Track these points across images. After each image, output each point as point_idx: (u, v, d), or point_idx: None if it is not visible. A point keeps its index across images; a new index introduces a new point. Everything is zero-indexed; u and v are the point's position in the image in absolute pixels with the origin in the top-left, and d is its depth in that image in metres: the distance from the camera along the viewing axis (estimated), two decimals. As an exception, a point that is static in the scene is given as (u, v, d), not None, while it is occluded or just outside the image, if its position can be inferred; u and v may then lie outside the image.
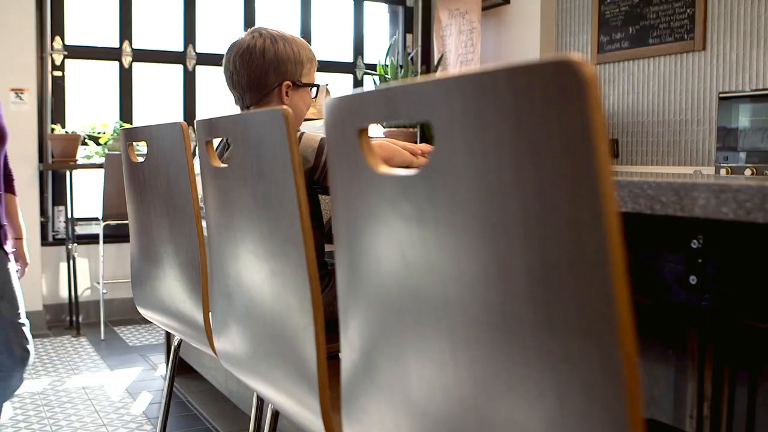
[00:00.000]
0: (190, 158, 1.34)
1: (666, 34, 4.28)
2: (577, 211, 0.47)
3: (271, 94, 1.69)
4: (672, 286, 1.20)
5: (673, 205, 0.86)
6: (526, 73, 0.49)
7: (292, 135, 0.90)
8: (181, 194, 1.39)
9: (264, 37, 1.68)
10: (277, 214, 0.97)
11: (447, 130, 0.56)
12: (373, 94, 0.63)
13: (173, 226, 1.46)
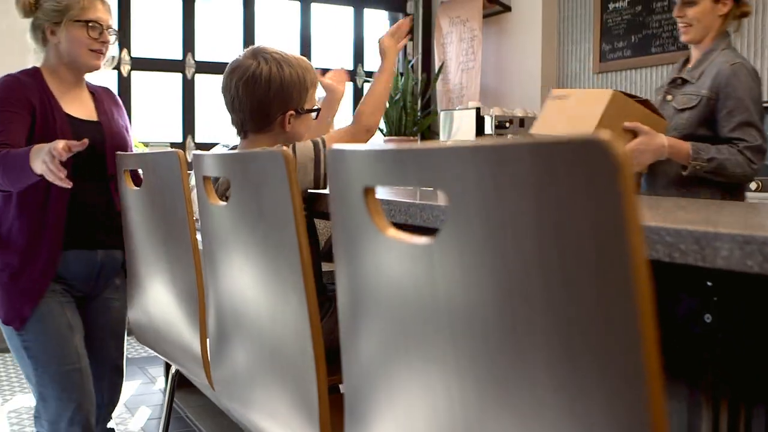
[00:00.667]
0: (187, 188, 1.30)
1: (669, 43, 4.24)
2: (608, 306, 0.43)
3: (274, 123, 1.65)
4: (687, 322, 1.16)
5: (694, 254, 0.82)
6: (549, 150, 0.45)
7: (292, 178, 0.86)
8: (177, 225, 1.35)
9: (269, 62, 1.62)
10: (276, 256, 0.94)
11: (461, 200, 0.52)
12: (383, 154, 0.59)
13: (170, 256, 1.43)
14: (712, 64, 2.40)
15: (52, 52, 2.11)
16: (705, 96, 2.33)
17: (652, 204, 1.37)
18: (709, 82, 2.34)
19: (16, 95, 1.99)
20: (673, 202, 1.47)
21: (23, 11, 2.12)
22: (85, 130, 2.07)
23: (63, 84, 2.13)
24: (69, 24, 2.07)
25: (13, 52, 2.97)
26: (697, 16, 2.40)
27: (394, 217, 1.18)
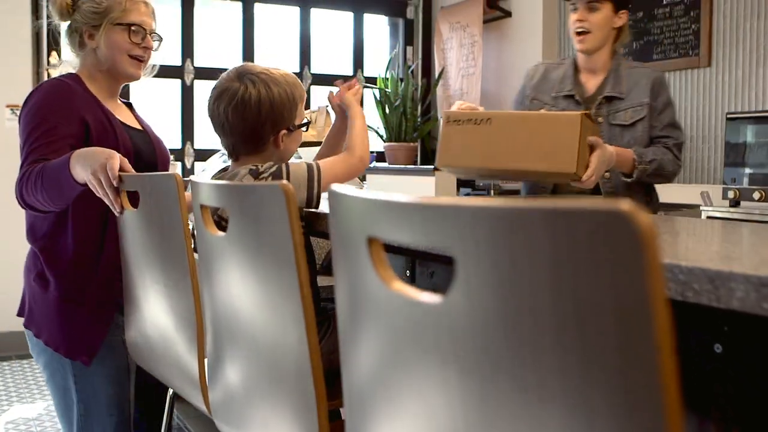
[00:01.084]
0: (185, 213, 1.28)
1: (670, 50, 4.22)
2: (630, 388, 0.40)
3: (267, 143, 1.62)
4: (697, 353, 1.14)
5: (708, 294, 0.80)
6: (567, 218, 0.43)
7: (293, 213, 0.84)
8: (175, 249, 1.33)
9: (256, 84, 1.57)
10: (276, 289, 0.91)
11: (471, 262, 0.50)
12: (388, 204, 0.57)
13: (167, 279, 1.40)
14: (633, 76, 2.49)
15: (89, 58, 1.98)
16: (647, 103, 2.44)
17: (661, 227, 1.34)
18: (645, 91, 2.45)
19: (65, 103, 1.83)
20: (685, 223, 1.44)
21: (60, 13, 1.99)
22: (139, 140, 1.98)
23: (102, 92, 1.99)
24: (109, 27, 1.94)
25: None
26: (599, 24, 2.44)
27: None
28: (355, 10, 5.52)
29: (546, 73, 2.62)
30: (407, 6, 5.65)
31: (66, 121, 1.80)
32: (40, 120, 1.80)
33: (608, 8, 2.44)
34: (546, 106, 2.54)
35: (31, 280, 1.93)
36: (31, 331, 1.91)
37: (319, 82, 5.42)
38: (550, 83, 2.58)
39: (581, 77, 2.55)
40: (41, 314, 1.89)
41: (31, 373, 4.11)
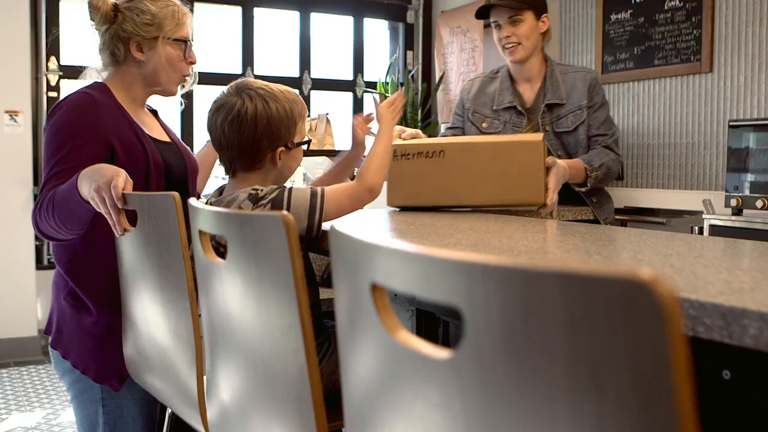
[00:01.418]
0: (183, 234, 1.26)
1: (672, 56, 4.20)
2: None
3: (264, 160, 1.60)
4: (705, 379, 1.12)
5: (719, 330, 0.78)
6: (584, 283, 0.41)
7: (293, 246, 0.82)
8: (173, 270, 1.31)
9: (254, 99, 1.55)
10: (277, 322, 0.89)
11: (481, 319, 0.48)
12: (393, 252, 0.55)
13: (165, 300, 1.38)
14: (568, 79, 2.53)
15: (130, 69, 1.89)
16: (585, 106, 2.48)
17: (670, 247, 1.32)
18: (583, 94, 2.49)
19: (89, 121, 1.76)
20: (689, 243, 1.42)
21: (102, 20, 1.87)
22: (169, 153, 1.91)
23: (134, 103, 1.92)
24: (164, 42, 1.87)
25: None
26: (526, 34, 2.48)
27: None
28: (355, 14, 5.50)
29: (482, 86, 2.63)
30: (407, 10, 5.63)
31: (88, 142, 1.74)
32: (62, 141, 1.74)
33: (531, 17, 2.48)
34: (487, 119, 2.55)
35: (62, 299, 1.84)
36: (58, 351, 1.84)
37: (318, 87, 5.41)
38: (488, 97, 2.58)
39: (518, 87, 2.57)
40: (71, 335, 1.82)
41: (30, 381, 4.09)
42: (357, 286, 0.60)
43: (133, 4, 1.88)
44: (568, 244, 1.36)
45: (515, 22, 2.47)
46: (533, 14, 2.49)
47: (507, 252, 1.23)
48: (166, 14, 1.88)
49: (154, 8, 1.87)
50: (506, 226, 1.72)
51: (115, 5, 1.89)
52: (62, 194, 1.62)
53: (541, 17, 2.51)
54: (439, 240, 1.41)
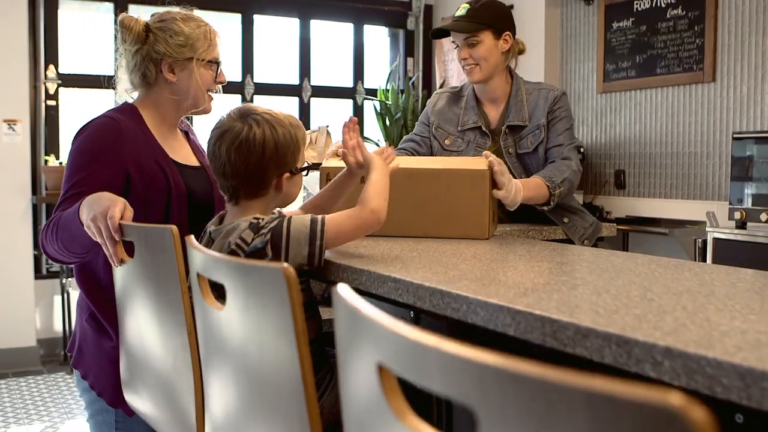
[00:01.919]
0: (182, 271, 1.23)
1: (674, 64, 4.17)
2: None
3: (269, 186, 1.56)
4: (718, 423, 1.09)
5: (738, 391, 0.76)
6: (611, 403, 0.38)
7: (295, 300, 0.79)
8: (171, 305, 1.28)
9: (260, 125, 1.52)
10: (275, 379, 0.86)
11: (496, 422, 0.45)
12: (403, 339, 0.52)
13: (164, 334, 1.35)
14: (532, 99, 2.44)
15: (161, 91, 1.86)
16: (544, 124, 2.40)
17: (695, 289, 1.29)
18: (543, 112, 2.40)
19: (109, 147, 1.74)
20: (696, 274, 1.39)
21: (135, 40, 1.83)
22: (194, 179, 1.89)
23: (164, 125, 1.89)
24: (197, 64, 1.84)
25: None
26: (484, 55, 2.39)
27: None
28: (355, 21, 5.47)
29: (449, 103, 2.56)
30: (407, 17, 5.60)
31: (104, 168, 1.73)
32: (79, 166, 1.74)
33: (489, 37, 2.39)
34: (451, 137, 2.49)
35: (84, 320, 1.84)
36: (78, 371, 1.85)
37: (318, 94, 5.38)
38: (454, 114, 2.51)
39: (484, 107, 2.50)
40: (91, 356, 1.83)
41: (29, 393, 4.06)
42: (363, 363, 0.57)
43: (165, 25, 1.85)
44: (575, 278, 1.33)
45: (472, 44, 2.38)
46: (492, 34, 2.39)
47: (513, 288, 1.21)
48: (199, 35, 1.85)
49: (187, 29, 1.85)
50: (510, 252, 1.69)
51: (147, 25, 1.86)
52: (66, 219, 1.62)
53: (502, 36, 2.40)
54: (443, 271, 1.39)
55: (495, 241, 1.91)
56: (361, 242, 1.84)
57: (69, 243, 1.63)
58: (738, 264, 3.17)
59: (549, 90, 2.44)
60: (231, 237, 1.47)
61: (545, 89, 2.45)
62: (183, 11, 1.92)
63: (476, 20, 2.38)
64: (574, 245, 1.89)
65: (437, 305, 1.21)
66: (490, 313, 1.09)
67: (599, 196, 4.56)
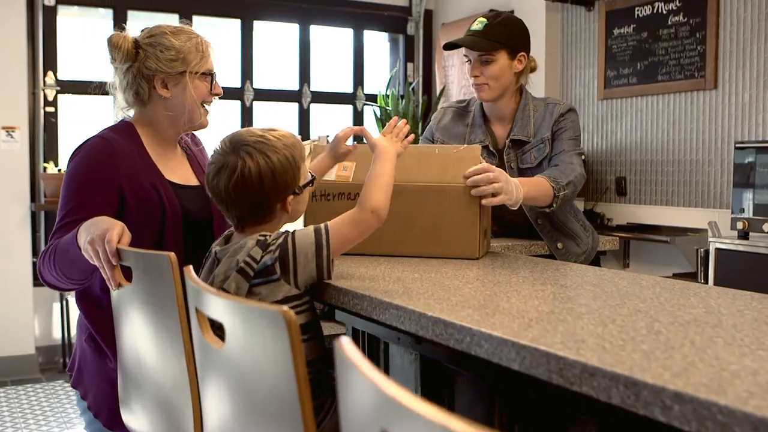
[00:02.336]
0: (180, 299, 1.21)
1: (676, 71, 4.15)
2: None
3: (275, 211, 1.55)
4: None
5: (751, 441, 0.74)
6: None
7: (296, 344, 0.77)
8: (170, 331, 1.26)
9: (254, 156, 1.49)
10: (276, 418, 0.84)
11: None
12: (406, 410, 0.50)
13: (161, 359, 1.34)
14: (538, 115, 2.37)
15: (156, 108, 1.83)
16: (548, 138, 2.33)
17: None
18: (548, 127, 2.33)
19: (103, 169, 1.72)
20: (701, 299, 1.37)
21: (124, 58, 1.78)
22: (192, 199, 1.86)
23: (161, 144, 1.86)
24: (191, 77, 1.80)
25: None
26: (496, 75, 2.30)
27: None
28: (355, 26, 5.45)
29: (454, 119, 2.48)
30: (407, 22, 5.58)
31: (98, 191, 1.70)
32: (72, 191, 1.72)
33: (504, 57, 2.30)
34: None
35: (83, 341, 1.83)
36: (78, 391, 1.84)
37: (318, 100, 5.36)
38: (460, 131, 2.44)
39: (491, 125, 2.43)
40: (90, 377, 1.81)
41: (27, 401, 4.04)
42: (366, 427, 0.55)
43: (155, 40, 1.81)
44: (580, 304, 1.32)
45: (486, 62, 2.29)
46: (507, 53, 2.31)
47: (518, 318, 1.19)
48: (190, 48, 1.81)
49: (177, 42, 1.81)
50: (513, 274, 1.67)
51: (136, 41, 1.82)
52: (64, 244, 1.61)
53: (517, 56, 2.34)
54: (445, 297, 1.37)
55: (497, 261, 1.89)
56: (362, 262, 1.82)
57: (67, 269, 1.62)
58: (740, 275, 3.17)
59: (556, 104, 2.37)
60: (239, 255, 1.46)
61: (552, 104, 2.38)
62: (173, 24, 1.87)
63: (492, 37, 2.29)
64: (576, 264, 1.87)
65: (440, 335, 1.19)
66: (494, 347, 1.08)
67: (600, 202, 4.54)
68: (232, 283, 1.44)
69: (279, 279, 1.45)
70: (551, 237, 2.35)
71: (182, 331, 1.20)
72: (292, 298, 1.47)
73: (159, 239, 1.78)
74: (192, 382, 1.25)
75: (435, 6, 5.59)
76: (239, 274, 1.44)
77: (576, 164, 2.27)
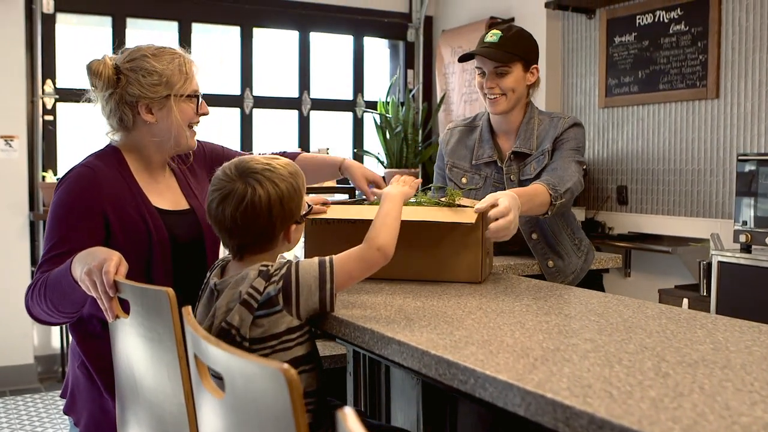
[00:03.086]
0: (179, 335, 1.19)
1: (677, 80, 4.13)
2: None
3: (277, 240, 1.54)
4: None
5: None
6: None
7: (297, 403, 0.75)
8: (168, 367, 1.24)
9: (263, 184, 1.48)
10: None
11: None
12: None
13: (162, 395, 1.32)
14: (542, 129, 2.35)
15: (142, 133, 1.79)
16: (548, 150, 2.31)
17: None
18: (550, 139, 2.32)
19: (87, 198, 1.69)
20: (706, 333, 1.35)
21: (105, 85, 1.75)
22: (180, 224, 1.82)
23: (148, 168, 1.82)
24: (176, 100, 1.76)
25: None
26: (512, 86, 2.30)
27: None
28: (355, 33, 5.42)
29: (462, 137, 2.47)
30: (408, 29, 5.56)
31: (83, 221, 1.67)
32: (58, 223, 1.69)
33: (519, 69, 2.30)
34: (467, 174, 2.41)
35: (76, 367, 1.80)
36: (71, 417, 1.81)
37: (318, 107, 5.34)
38: (468, 149, 2.43)
39: (498, 140, 2.42)
40: (82, 403, 1.79)
41: (26, 411, 4.02)
42: None
43: (136, 64, 1.77)
44: (585, 340, 1.29)
45: (501, 74, 2.29)
46: (522, 66, 2.31)
47: (523, 357, 1.17)
48: (173, 70, 1.77)
49: (159, 65, 1.77)
50: (517, 302, 1.65)
51: (117, 67, 1.78)
52: (55, 276, 1.58)
53: (530, 68, 2.34)
54: (448, 331, 1.35)
55: (499, 286, 1.86)
56: (363, 285, 1.80)
57: (59, 302, 1.59)
58: (743, 288, 3.15)
59: (560, 118, 2.36)
60: (241, 287, 1.44)
61: (557, 118, 2.37)
62: (153, 45, 1.82)
63: (509, 49, 2.28)
64: (580, 289, 1.85)
65: (443, 375, 1.17)
66: (499, 390, 1.06)
67: (601, 211, 4.52)
68: (236, 315, 1.42)
69: (282, 310, 1.44)
70: (543, 255, 2.34)
71: (181, 371, 1.18)
72: (294, 329, 1.46)
73: (147, 267, 1.75)
74: (191, 420, 1.23)
75: (435, 12, 5.57)
76: (243, 306, 1.42)
77: (574, 171, 2.25)
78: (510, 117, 2.37)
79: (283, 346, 1.44)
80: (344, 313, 1.50)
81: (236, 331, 1.41)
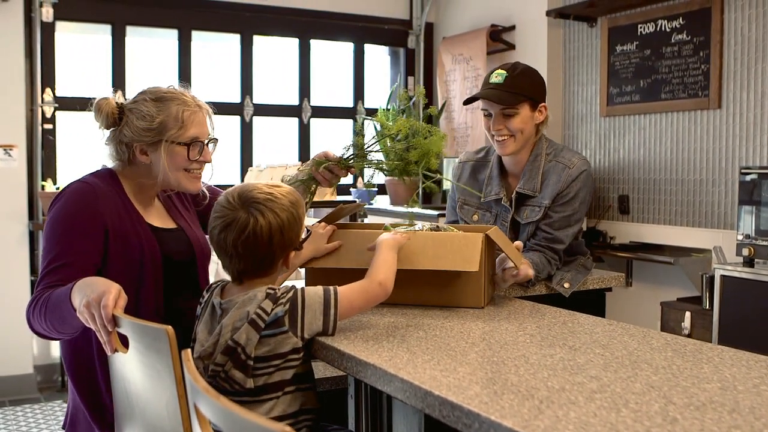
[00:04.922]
0: (178, 373, 1.18)
1: (679, 90, 4.12)
2: None
3: (275, 266, 1.59)
4: None
5: None
6: None
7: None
8: (167, 405, 1.22)
9: (264, 213, 1.52)
10: None
11: None
12: None
13: (160, 429, 1.30)
14: (549, 169, 2.31)
15: (138, 169, 1.82)
16: (546, 206, 2.28)
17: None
18: (552, 192, 2.28)
19: (86, 212, 1.70)
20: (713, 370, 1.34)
21: (106, 123, 1.79)
22: (170, 241, 1.86)
23: (141, 193, 1.86)
24: (167, 146, 1.77)
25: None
26: (520, 127, 2.25)
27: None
28: (355, 40, 5.41)
29: (473, 173, 2.45)
30: (408, 35, 5.54)
31: (83, 233, 1.69)
32: (57, 236, 1.70)
33: (526, 109, 2.26)
34: (478, 212, 2.40)
35: (76, 395, 1.81)
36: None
37: (318, 115, 5.32)
38: (479, 185, 2.41)
39: (507, 178, 2.39)
40: (83, 430, 1.81)
41: (25, 421, 4.01)
42: None
43: (135, 106, 1.80)
44: (591, 378, 1.28)
45: (509, 116, 2.24)
46: (529, 105, 2.26)
47: (528, 398, 1.15)
48: (168, 117, 1.77)
49: (154, 110, 1.77)
50: (520, 331, 1.63)
51: (121, 107, 1.81)
52: (56, 300, 1.59)
53: (538, 107, 2.29)
54: (451, 367, 1.33)
55: (502, 312, 1.84)
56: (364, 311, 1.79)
57: (59, 324, 1.61)
58: (745, 302, 3.13)
59: (566, 167, 2.29)
60: (249, 307, 1.49)
61: (563, 165, 2.30)
62: (164, 89, 1.83)
63: (515, 90, 2.24)
64: (584, 315, 1.83)
65: (447, 417, 1.15)
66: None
67: (603, 220, 4.51)
68: (243, 334, 1.48)
69: (288, 331, 1.49)
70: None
71: (181, 410, 1.16)
72: (298, 350, 1.52)
73: (138, 280, 1.77)
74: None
75: (436, 19, 5.55)
76: (250, 325, 1.48)
77: (557, 251, 2.29)
78: (518, 156, 2.34)
79: (286, 365, 1.50)
80: (346, 345, 1.49)
81: (242, 349, 1.47)
